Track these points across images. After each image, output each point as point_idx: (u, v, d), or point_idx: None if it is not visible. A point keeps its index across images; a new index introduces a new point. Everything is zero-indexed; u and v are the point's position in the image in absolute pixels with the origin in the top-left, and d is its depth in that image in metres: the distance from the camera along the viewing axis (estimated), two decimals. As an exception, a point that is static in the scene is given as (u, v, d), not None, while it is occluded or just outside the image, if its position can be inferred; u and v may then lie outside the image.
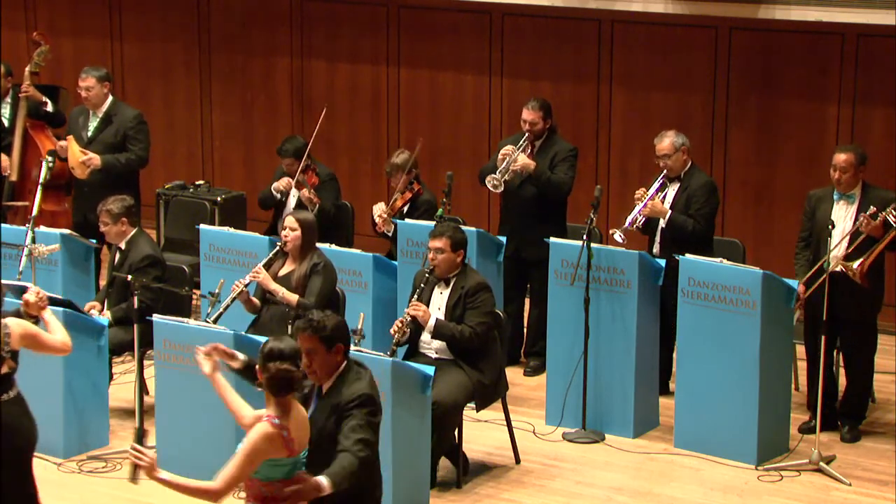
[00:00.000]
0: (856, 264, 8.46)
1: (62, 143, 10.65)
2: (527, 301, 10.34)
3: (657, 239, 9.43)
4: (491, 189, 9.88)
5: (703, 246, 9.28)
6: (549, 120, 9.97)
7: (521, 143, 9.92)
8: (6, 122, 11.15)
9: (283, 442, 5.80)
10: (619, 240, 9.25)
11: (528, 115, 9.92)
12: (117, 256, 9.24)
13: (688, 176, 9.40)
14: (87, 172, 10.47)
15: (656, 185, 9.36)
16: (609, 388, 9.10)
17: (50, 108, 11.17)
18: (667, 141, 9.35)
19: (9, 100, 11.18)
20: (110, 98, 10.70)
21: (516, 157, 9.82)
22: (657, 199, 9.32)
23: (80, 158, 10.44)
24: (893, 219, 8.50)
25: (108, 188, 10.48)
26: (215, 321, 8.50)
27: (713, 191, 9.43)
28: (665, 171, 9.37)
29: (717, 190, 9.58)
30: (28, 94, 11.03)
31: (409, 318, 8.35)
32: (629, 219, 9.29)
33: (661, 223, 9.37)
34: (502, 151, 9.88)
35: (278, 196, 10.46)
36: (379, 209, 10.20)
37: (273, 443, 5.79)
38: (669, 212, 9.29)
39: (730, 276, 8.64)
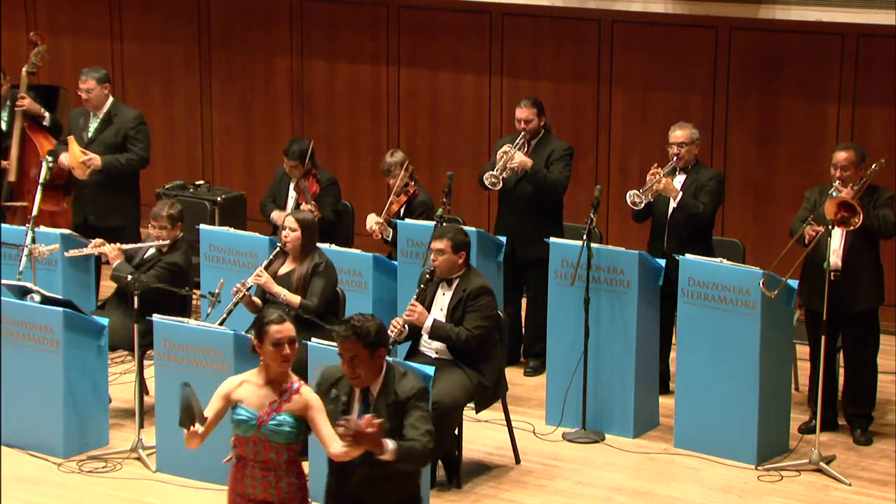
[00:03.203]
0: (856, 221, 8.43)
1: (63, 158, 10.61)
2: (524, 301, 10.36)
3: (666, 232, 9.43)
4: (489, 187, 9.89)
5: (706, 236, 9.43)
6: (543, 117, 9.98)
7: (517, 141, 9.93)
8: (4, 126, 11.13)
9: None
10: (630, 199, 9.26)
11: (521, 113, 9.94)
12: (150, 252, 9.25)
13: (695, 169, 9.46)
14: (87, 173, 10.46)
15: (668, 168, 9.39)
16: (609, 388, 9.10)
17: (47, 121, 11.14)
18: (686, 131, 9.44)
19: (7, 103, 11.16)
20: (111, 99, 10.70)
21: (513, 155, 9.84)
22: (670, 180, 9.35)
23: (81, 158, 10.44)
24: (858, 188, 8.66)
25: (108, 189, 10.50)
26: (220, 324, 8.50)
27: (722, 182, 9.56)
28: (675, 159, 9.40)
29: (724, 183, 9.66)
30: (24, 108, 11.01)
31: (405, 319, 8.35)
32: (644, 189, 9.29)
33: (672, 206, 9.36)
34: (500, 151, 9.90)
35: (277, 223, 10.37)
36: (372, 220, 10.18)
37: None
38: (681, 193, 9.32)
39: (730, 276, 8.64)
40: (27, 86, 11.13)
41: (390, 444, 5.92)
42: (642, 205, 9.37)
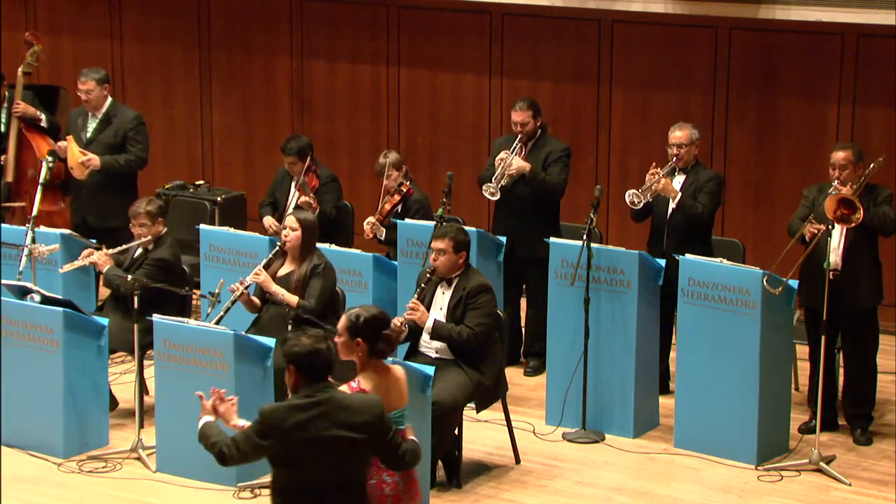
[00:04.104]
0: (857, 217, 8.41)
1: (62, 143, 10.65)
2: (523, 301, 10.35)
3: (665, 233, 9.43)
4: (488, 197, 9.90)
5: (705, 237, 9.44)
6: (539, 118, 9.98)
7: (514, 145, 9.93)
8: (2, 128, 11.13)
9: None
10: (629, 198, 9.27)
11: (517, 116, 9.93)
12: (138, 251, 9.25)
13: (694, 170, 9.46)
14: (86, 173, 10.47)
15: (667, 169, 9.39)
16: (609, 388, 9.10)
17: (44, 122, 11.13)
18: (686, 132, 9.44)
19: (5, 104, 11.15)
20: (109, 99, 10.70)
21: (511, 162, 9.84)
22: (669, 181, 9.35)
23: (80, 159, 10.44)
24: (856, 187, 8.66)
25: (107, 189, 10.50)
26: (217, 323, 8.50)
27: (721, 184, 9.58)
28: (674, 160, 9.40)
29: (724, 184, 9.68)
30: (19, 113, 10.99)
31: (405, 319, 8.35)
32: (643, 188, 9.29)
33: (671, 207, 9.36)
34: (497, 158, 9.90)
35: (269, 232, 10.36)
36: (369, 223, 10.18)
37: None
38: (680, 194, 9.32)
39: (730, 276, 8.64)
40: (24, 86, 11.13)
41: (201, 422, 6.08)
42: (641, 205, 9.37)
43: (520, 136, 9.92)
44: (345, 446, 5.79)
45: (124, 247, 9.32)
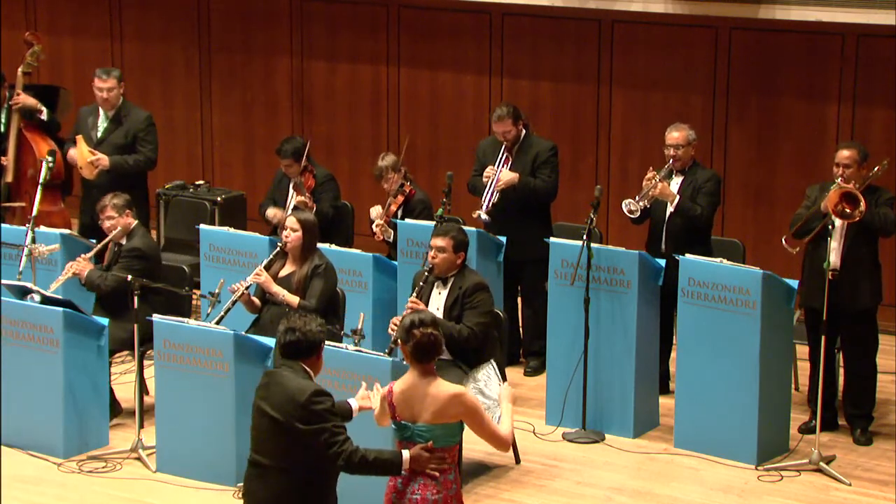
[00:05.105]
0: (859, 212, 8.40)
1: (71, 152, 10.63)
2: (520, 301, 10.36)
3: (664, 235, 9.43)
4: (482, 220, 9.91)
5: (704, 238, 9.41)
6: (520, 121, 9.96)
7: (499, 157, 9.91)
8: (2, 128, 11.13)
9: (387, 405, 6.22)
10: (626, 208, 9.27)
11: (498, 127, 9.91)
12: (115, 248, 9.27)
13: (692, 170, 9.45)
14: (95, 173, 10.47)
15: (664, 172, 9.38)
16: (609, 388, 9.10)
17: (45, 116, 11.13)
18: (683, 133, 9.42)
19: (5, 105, 11.16)
20: (121, 99, 10.72)
21: (498, 177, 9.84)
22: (667, 185, 9.34)
23: (89, 159, 10.45)
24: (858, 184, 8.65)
25: (116, 189, 10.50)
26: (217, 323, 8.50)
27: (719, 183, 9.58)
28: (672, 162, 9.39)
29: (721, 184, 9.69)
30: (19, 105, 10.99)
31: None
32: (640, 195, 9.29)
33: (669, 210, 9.35)
34: (484, 176, 9.90)
35: (273, 223, 10.41)
36: (375, 212, 10.21)
37: (382, 402, 6.27)
38: (678, 197, 9.31)
39: (730, 276, 8.64)
40: (24, 85, 11.14)
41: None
42: (638, 212, 9.35)
43: (504, 143, 9.92)
44: (267, 422, 6.10)
45: (97, 248, 9.30)
